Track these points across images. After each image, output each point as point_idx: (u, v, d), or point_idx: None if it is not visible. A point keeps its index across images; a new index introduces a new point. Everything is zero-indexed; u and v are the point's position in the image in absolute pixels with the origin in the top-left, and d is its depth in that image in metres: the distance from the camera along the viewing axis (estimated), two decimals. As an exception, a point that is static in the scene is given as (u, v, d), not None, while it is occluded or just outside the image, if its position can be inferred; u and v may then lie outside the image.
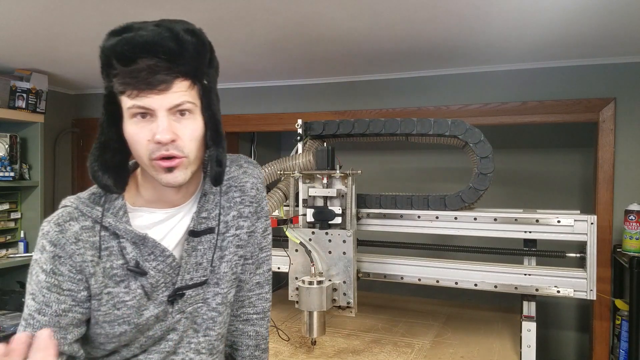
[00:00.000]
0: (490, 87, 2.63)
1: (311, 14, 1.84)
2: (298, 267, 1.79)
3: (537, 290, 1.73)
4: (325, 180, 1.78)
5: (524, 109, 2.56)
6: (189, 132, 0.89)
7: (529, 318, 1.79)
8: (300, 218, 1.81)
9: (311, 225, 1.80)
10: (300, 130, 1.99)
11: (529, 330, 1.78)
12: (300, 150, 1.98)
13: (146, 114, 0.86)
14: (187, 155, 0.89)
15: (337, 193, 1.76)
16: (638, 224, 2.20)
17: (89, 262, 0.91)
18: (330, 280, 1.72)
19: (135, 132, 0.87)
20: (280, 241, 1.91)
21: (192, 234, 1.00)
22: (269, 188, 2.03)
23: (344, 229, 1.75)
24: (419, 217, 1.87)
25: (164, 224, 0.98)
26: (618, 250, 2.33)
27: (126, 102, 0.86)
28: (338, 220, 1.76)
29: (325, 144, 2.04)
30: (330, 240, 1.75)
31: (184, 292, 0.99)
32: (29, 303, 0.90)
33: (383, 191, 2.01)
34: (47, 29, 2.09)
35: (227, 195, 1.05)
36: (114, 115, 0.90)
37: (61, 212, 0.93)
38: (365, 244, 1.97)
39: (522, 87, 2.57)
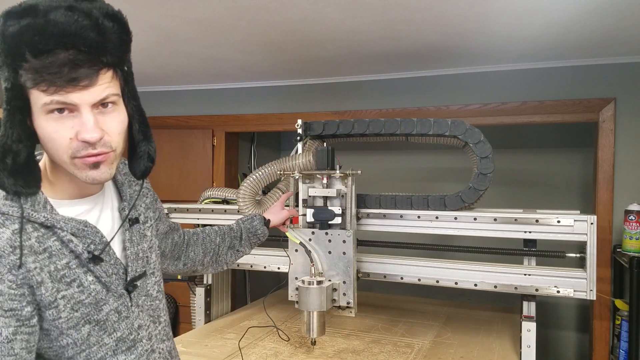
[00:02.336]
0: (490, 87, 2.63)
1: (311, 14, 1.84)
2: (298, 267, 1.79)
3: (537, 290, 1.73)
4: (325, 181, 1.78)
5: (524, 109, 2.56)
6: (115, 126, 0.84)
7: (529, 318, 1.79)
8: (300, 218, 1.81)
9: (311, 225, 1.80)
10: (300, 131, 1.98)
11: (529, 330, 1.78)
12: (300, 151, 1.98)
13: (65, 109, 0.78)
14: (114, 149, 0.84)
15: (337, 193, 1.76)
16: (638, 224, 2.20)
17: (33, 270, 0.80)
18: (330, 280, 1.72)
19: (54, 130, 0.79)
20: (280, 241, 1.91)
21: (132, 223, 0.98)
22: (269, 188, 2.03)
23: (344, 229, 1.75)
24: (418, 217, 1.87)
25: (89, 214, 0.92)
26: (618, 250, 2.33)
27: (40, 97, 0.77)
28: (338, 220, 1.76)
29: (325, 144, 2.04)
30: (330, 241, 1.75)
31: (137, 282, 0.97)
32: None
33: (383, 191, 2.01)
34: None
35: (130, 189, 1.03)
36: (19, 112, 0.78)
37: None
38: (365, 244, 1.97)
39: (522, 87, 2.57)
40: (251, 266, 2.10)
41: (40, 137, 0.80)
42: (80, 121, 0.79)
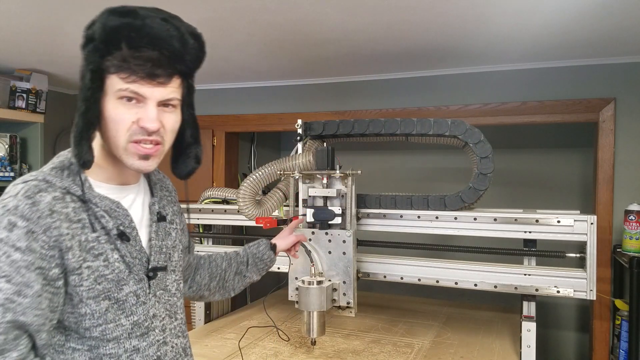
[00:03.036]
0: (490, 87, 2.63)
1: (311, 14, 1.84)
2: (298, 267, 1.79)
3: (537, 290, 1.73)
4: (325, 181, 1.78)
5: (524, 109, 2.56)
6: (171, 124, 0.95)
7: (528, 318, 1.79)
8: (300, 218, 1.81)
9: (311, 225, 1.80)
10: (300, 131, 1.98)
11: (529, 330, 1.78)
12: (300, 151, 1.98)
13: (134, 99, 0.89)
14: (163, 144, 0.95)
15: (337, 193, 1.76)
16: (638, 224, 2.20)
17: (65, 235, 0.87)
18: (330, 280, 1.72)
19: (122, 113, 0.89)
20: (280, 241, 1.91)
21: (160, 218, 1.06)
22: (269, 188, 2.03)
23: (344, 229, 1.75)
24: (418, 217, 1.87)
25: (123, 200, 0.99)
26: (618, 250, 2.33)
27: (118, 83, 0.88)
28: (338, 220, 1.76)
29: (325, 144, 2.04)
30: (330, 241, 1.75)
31: (157, 272, 1.02)
32: (3, 287, 0.81)
33: (383, 191, 2.01)
34: (47, 29, 2.09)
35: (162, 192, 1.13)
36: (98, 92, 0.90)
37: (26, 186, 0.87)
38: (365, 244, 1.97)
39: (522, 87, 2.57)
40: (251, 266, 2.10)
41: (106, 118, 0.90)
42: (145, 111, 0.90)
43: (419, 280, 1.86)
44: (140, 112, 0.90)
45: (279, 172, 1.90)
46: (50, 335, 0.89)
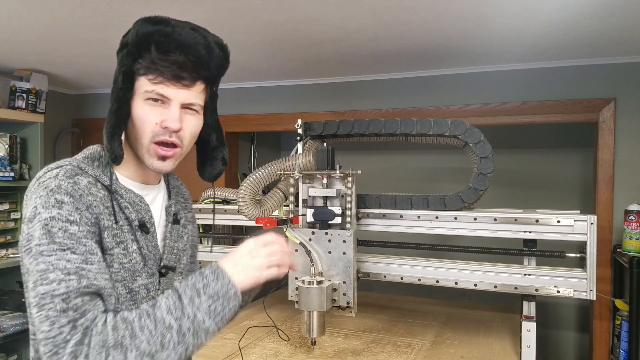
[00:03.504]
0: (490, 87, 2.63)
1: (311, 14, 1.84)
2: (298, 267, 1.79)
3: (537, 290, 1.73)
4: (325, 181, 1.78)
5: (524, 109, 2.56)
6: (191, 127, 1.00)
7: (528, 318, 1.79)
8: (300, 218, 1.81)
9: (311, 225, 1.80)
10: (300, 131, 1.98)
11: (529, 330, 1.78)
12: (300, 151, 1.98)
13: (159, 100, 0.95)
14: (182, 146, 1.00)
15: (337, 193, 1.76)
16: (638, 224, 2.20)
17: (102, 214, 0.92)
18: (330, 280, 1.72)
19: (147, 113, 0.95)
20: (280, 241, 1.91)
21: (175, 220, 1.10)
22: (269, 188, 2.03)
23: (344, 229, 1.75)
24: (418, 217, 1.87)
25: (144, 197, 1.04)
26: (618, 250, 2.33)
27: (145, 84, 0.94)
28: (338, 220, 1.75)
29: (325, 144, 2.04)
30: (330, 241, 1.75)
31: (168, 271, 1.05)
32: (70, 257, 0.85)
33: (383, 191, 2.01)
34: (47, 29, 2.09)
35: (177, 197, 1.17)
36: (129, 92, 0.96)
37: (63, 169, 0.92)
38: (365, 244, 1.97)
39: (522, 87, 2.57)
40: (251, 266, 2.10)
41: (133, 117, 0.96)
42: (168, 112, 0.95)
43: (419, 280, 1.86)
44: (164, 113, 0.95)
45: (279, 172, 1.90)
46: (117, 302, 0.93)
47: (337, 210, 1.75)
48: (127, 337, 0.83)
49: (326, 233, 1.75)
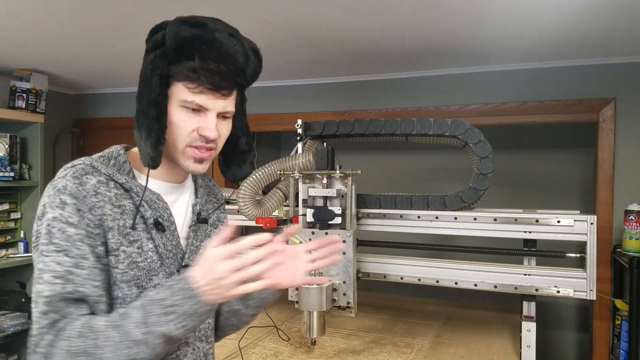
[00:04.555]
0: (490, 87, 2.63)
1: (311, 14, 1.84)
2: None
3: (537, 290, 1.73)
4: (325, 181, 1.78)
5: (524, 109, 2.56)
6: (225, 132, 1.00)
7: (528, 318, 1.79)
8: (300, 218, 1.81)
9: (311, 225, 1.80)
10: (300, 131, 1.98)
11: (529, 330, 1.78)
12: (300, 151, 1.98)
13: (196, 109, 0.94)
14: (216, 149, 1.00)
15: (337, 193, 1.76)
16: (638, 224, 2.20)
17: (108, 215, 0.92)
18: (330, 280, 1.72)
19: (183, 120, 0.94)
20: (280, 241, 1.91)
21: (200, 219, 1.08)
22: (269, 188, 2.03)
23: (344, 229, 1.75)
24: (418, 217, 1.87)
25: (165, 196, 1.02)
26: (618, 250, 2.33)
27: (184, 92, 0.93)
28: (338, 220, 1.75)
29: (325, 144, 2.04)
30: (330, 240, 1.74)
31: None
32: (62, 260, 0.87)
33: (383, 191, 2.01)
34: (47, 29, 2.09)
35: (209, 197, 1.16)
36: (165, 97, 0.94)
37: (74, 169, 0.93)
38: (365, 244, 1.97)
39: (522, 87, 2.57)
40: (251, 266, 2.10)
41: (171, 123, 0.95)
42: (205, 120, 0.95)
43: (419, 280, 1.86)
44: (200, 120, 0.94)
45: (279, 172, 1.90)
46: (109, 310, 0.92)
47: (337, 210, 1.75)
48: (91, 347, 0.83)
49: (326, 233, 1.75)
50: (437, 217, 1.85)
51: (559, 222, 1.72)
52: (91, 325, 0.85)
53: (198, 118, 0.95)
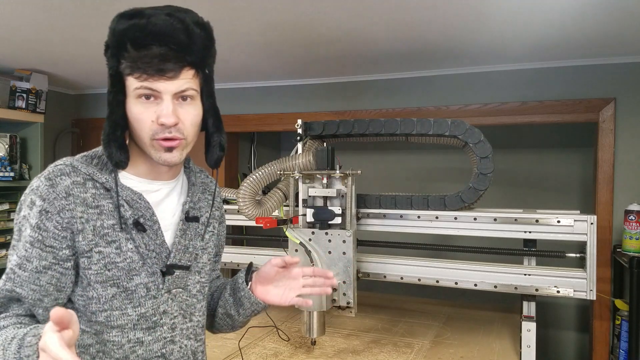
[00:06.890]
0: (489, 87, 2.63)
1: (311, 14, 1.84)
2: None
3: (537, 290, 1.73)
4: (325, 181, 1.78)
5: (524, 109, 2.56)
6: (190, 117, 0.96)
7: (528, 318, 1.79)
8: (300, 218, 1.81)
9: (311, 225, 1.80)
10: (300, 131, 1.98)
11: (529, 330, 1.78)
12: (300, 151, 1.98)
13: (151, 95, 0.92)
14: (186, 137, 0.95)
15: (337, 193, 1.76)
16: (638, 224, 2.20)
17: (78, 218, 0.91)
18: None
19: (140, 112, 0.92)
20: (280, 241, 1.91)
21: (187, 217, 1.05)
22: (269, 188, 2.03)
23: (344, 229, 1.75)
24: (418, 217, 1.87)
25: (151, 194, 1.01)
26: (618, 250, 2.33)
27: (133, 83, 0.91)
28: (338, 220, 1.76)
29: (325, 144, 2.04)
30: (330, 240, 1.75)
31: (174, 270, 1.01)
32: (11, 258, 0.91)
33: (383, 191, 2.01)
34: (47, 30, 2.09)
35: (203, 194, 1.13)
36: (120, 94, 0.94)
37: (52, 169, 0.94)
38: (365, 244, 1.97)
39: (522, 87, 2.57)
40: (251, 266, 2.10)
41: (130, 117, 0.94)
42: (161, 107, 0.92)
43: (419, 280, 1.86)
44: (158, 109, 0.92)
45: (279, 172, 1.90)
46: (47, 314, 0.91)
47: (337, 210, 1.75)
48: None
49: (326, 233, 1.75)
50: (437, 217, 1.85)
51: (559, 222, 1.72)
52: None
53: (155, 107, 0.92)
